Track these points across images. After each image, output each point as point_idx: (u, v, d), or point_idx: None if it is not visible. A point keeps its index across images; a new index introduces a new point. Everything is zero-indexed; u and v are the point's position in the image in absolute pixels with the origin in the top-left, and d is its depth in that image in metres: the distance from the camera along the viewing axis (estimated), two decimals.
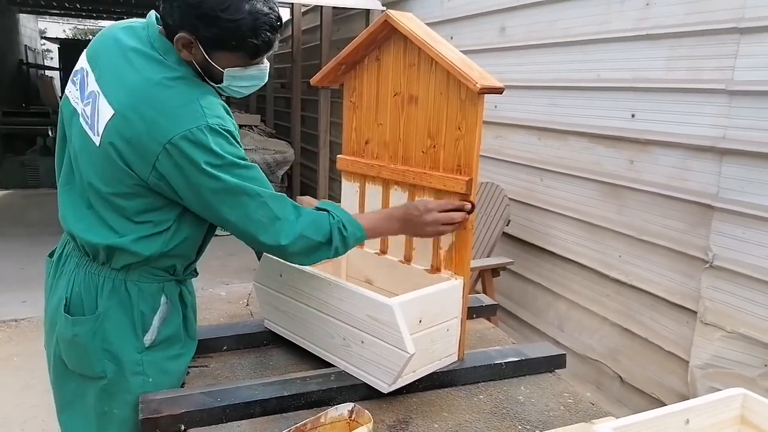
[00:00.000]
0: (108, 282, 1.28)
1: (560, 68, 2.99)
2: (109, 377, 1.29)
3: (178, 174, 1.17)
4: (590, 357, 2.87)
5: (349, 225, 1.32)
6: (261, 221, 1.22)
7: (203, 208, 1.22)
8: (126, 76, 1.20)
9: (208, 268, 4.85)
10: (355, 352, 1.37)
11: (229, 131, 1.21)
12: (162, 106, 1.16)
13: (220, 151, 1.17)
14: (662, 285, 2.48)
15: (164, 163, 1.16)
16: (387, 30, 1.48)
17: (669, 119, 2.40)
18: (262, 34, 1.19)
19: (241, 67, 1.25)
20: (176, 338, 1.35)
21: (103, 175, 1.21)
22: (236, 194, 1.19)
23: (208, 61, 1.21)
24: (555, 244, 3.08)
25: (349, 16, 5.88)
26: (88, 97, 1.24)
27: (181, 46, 1.20)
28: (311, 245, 1.27)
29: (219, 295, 1.98)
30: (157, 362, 1.31)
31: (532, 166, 3.21)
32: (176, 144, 1.14)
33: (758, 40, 2.06)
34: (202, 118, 1.16)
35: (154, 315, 1.30)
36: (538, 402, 1.41)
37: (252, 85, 1.31)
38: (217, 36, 1.18)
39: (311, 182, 6.91)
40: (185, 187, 1.18)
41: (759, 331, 2.09)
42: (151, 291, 1.30)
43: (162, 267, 1.30)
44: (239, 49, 1.21)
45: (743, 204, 2.12)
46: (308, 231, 1.26)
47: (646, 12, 2.49)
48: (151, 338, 1.30)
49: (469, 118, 1.37)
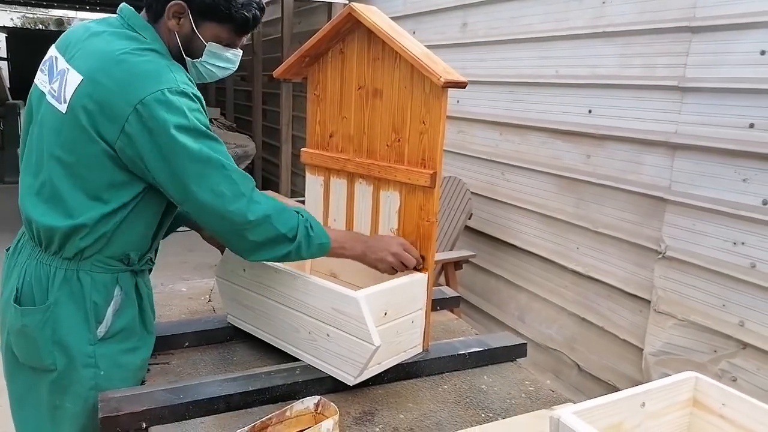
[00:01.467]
0: (59, 272, 1.25)
1: (521, 64, 3.04)
2: (60, 369, 1.25)
3: (147, 136, 1.15)
4: (549, 346, 2.94)
5: (316, 228, 1.32)
6: (225, 194, 1.19)
7: (168, 176, 1.19)
8: (96, 48, 1.21)
9: (167, 265, 4.75)
10: (321, 345, 1.37)
11: (198, 98, 1.22)
12: (133, 68, 1.17)
13: (189, 114, 1.17)
14: (617, 275, 2.56)
15: (134, 125, 1.14)
16: (351, 23, 1.48)
17: (624, 115, 2.48)
18: (252, 9, 1.28)
19: (222, 46, 1.29)
20: (131, 331, 1.32)
21: (68, 143, 1.19)
22: (203, 162, 1.18)
23: (195, 32, 1.25)
24: (516, 237, 3.14)
25: (310, 8, 5.83)
26: (56, 76, 1.23)
27: (172, 14, 1.23)
28: (274, 235, 1.25)
29: (180, 291, 1.94)
30: (110, 355, 1.28)
31: (494, 160, 3.26)
32: (147, 104, 1.13)
33: (708, 39, 2.15)
34: (174, 81, 1.17)
35: (108, 306, 1.27)
36: (501, 390, 1.44)
37: (225, 67, 1.34)
38: (213, 3, 1.23)
39: (273, 177, 6.84)
40: (153, 150, 1.16)
41: (708, 319, 2.18)
42: (105, 281, 1.27)
43: (115, 256, 1.27)
44: (229, 20, 1.26)
45: (694, 197, 2.21)
46: (275, 217, 1.24)
47: (603, 10, 2.56)
48: (104, 330, 1.27)
49: (433, 112, 1.38)
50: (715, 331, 2.16)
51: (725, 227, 2.12)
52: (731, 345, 2.12)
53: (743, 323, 2.08)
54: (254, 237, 1.24)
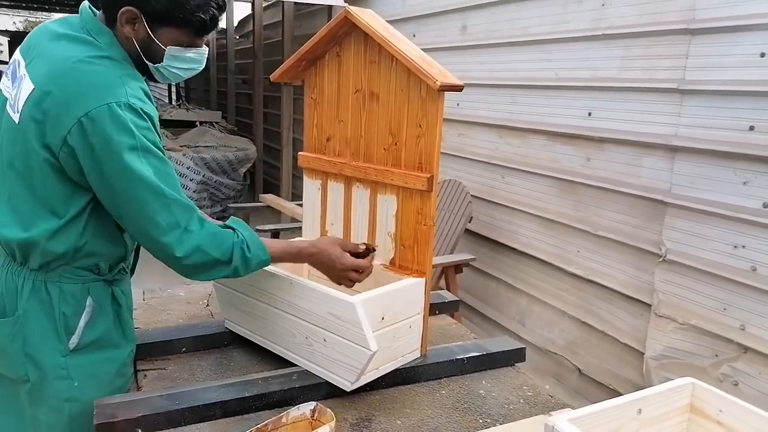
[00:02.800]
0: (28, 283, 1.23)
1: (520, 67, 3.03)
2: (32, 381, 1.24)
3: (89, 150, 1.12)
4: (550, 350, 2.93)
5: (252, 245, 1.27)
6: (161, 224, 1.17)
7: (106, 193, 1.17)
8: (51, 55, 1.18)
9: (166, 269, 4.76)
10: (318, 350, 1.36)
11: (149, 115, 1.17)
12: (82, 79, 1.13)
13: (136, 132, 1.13)
14: (618, 279, 2.55)
15: (75, 137, 1.11)
16: (347, 26, 1.48)
17: (624, 117, 2.47)
18: (209, 9, 1.21)
19: (182, 48, 1.24)
20: (106, 341, 1.28)
21: (21, 154, 1.18)
22: (143, 187, 1.14)
23: (151, 37, 1.20)
24: (516, 240, 3.13)
25: (311, 11, 5.83)
26: (16, 82, 1.21)
27: (125, 21, 1.18)
28: (208, 261, 1.22)
29: (178, 296, 1.94)
30: (83, 366, 1.25)
31: (494, 163, 3.25)
32: (92, 117, 1.10)
33: (708, 41, 2.14)
34: (123, 96, 1.13)
35: (79, 317, 1.24)
36: (499, 396, 1.43)
37: (189, 68, 1.29)
38: (165, 8, 1.17)
39: (274, 180, 6.84)
40: (94, 165, 1.13)
41: (709, 323, 2.17)
42: (74, 292, 1.24)
43: (84, 266, 1.25)
44: (185, 25, 1.21)
45: (694, 199, 2.20)
46: (207, 245, 1.21)
47: (602, 12, 2.55)
48: (76, 341, 1.24)
49: (430, 115, 1.38)
50: (716, 335, 2.15)
51: (726, 230, 2.11)
52: (732, 349, 2.10)
53: (744, 327, 2.07)
54: (187, 264, 1.21)
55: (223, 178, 6.29)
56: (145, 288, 2.06)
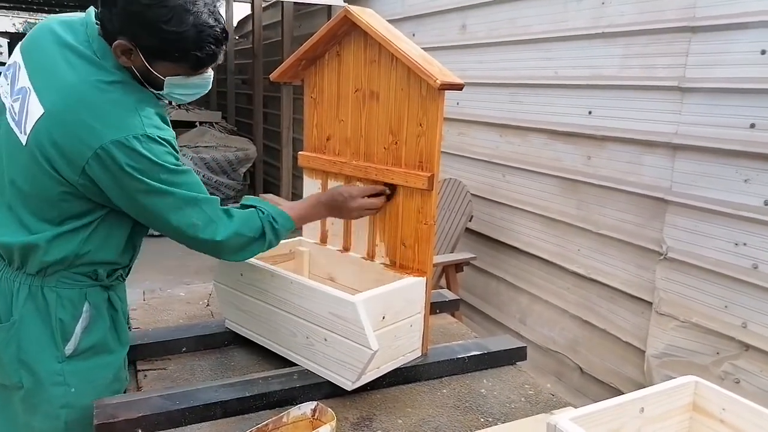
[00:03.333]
0: (24, 288, 1.22)
1: (520, 65, 3.03)
2: (27, 387, 1.22)
3: (111, 180, 1.13)
4: (551, 349, 2.92)
5: (278, 217, 1.36)
6: (198, 225, 1.22)
7: (138, 213, 1.21)
8: (60, 75, 1.14)
9: (167, 269, 4.75)
10: (319, 350, 1.36)
11: (166, 140, 1.18)
12: (96, 110, 1.12)
13: (154, 158, 1.14)
14: (619, 277, 2.54)
15: (94, 168, 1.12)
16: (347, 25, 1.47)
17: (624, 116, 2.46)
18: (206, 47, 1.15)
19: (183, 76, 1.20)
20: (103, 347, 1.28)
21: (27, 176, 1.17)
22: (173, 201, 1.18)
23: (149, 69, 1.17)
24: (517, 239, 3.12)
25: (310, 11, 5.83)
26: (17, 93, 1.18)
27: (120, 53, 1.15)
28: (245, 242, 1.30)
29: (178, 296, 1.93)
30: (80, 372, 1.25)
31: (494, 162, 3.25)
32: (107, 149, 1.10)
33: (708, 39, 2.13)
34: (140, 127, 1.13)
35: (76, 323, 1.24)
36: (500, 394, 1.43)
37: (194, 93, 1.27)
38: (158, 46, 1.14)
39: (274, 180, 6.84)
40: (118, 193, 1.16)
41: (710, 321, 2.16)
42: (71, 297, 1.23)
43: (82, 272, 1.24)
44: (182, 61, 1.17)
45: (695, 197, 2.19)
46: (242, 229, 1.29)
47: (602, 11, 2.55)
48: (72, 347, 1.23)
49: (430, 114, 1.37)
50: (717, 333, 2.14)
51: (727, 228, 2.10)
52: (734, 347, 2.10)
53: (746, 325, 2.06)
54: (228, 248, 1.29)
55: (223, 178, 6.29)
56: (145, 288, 2.06)
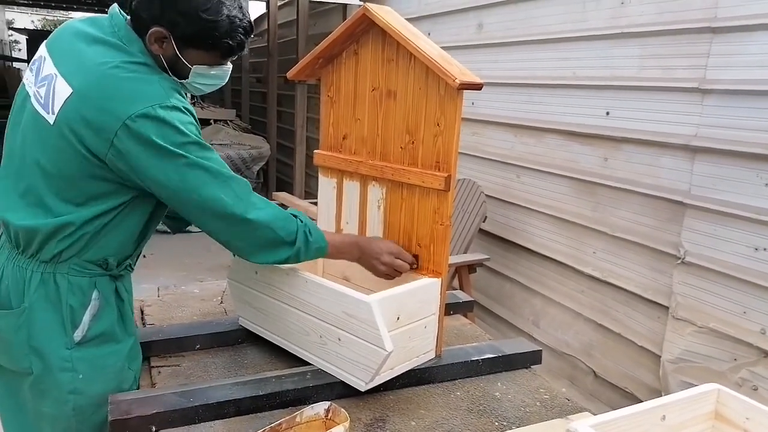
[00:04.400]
0: (36, 275, 1.24)
1: (537, 65, 3.00)
2: (36, 373, 1.25)
3: (139, 151, 1.15)
4: (565, 352, 2.90)
5: (314, 232, 1.34)
6: (224, 199, 1.21)
7: (163, 187, 1.20)
8: (86, 58, 1.19)
9: (182, 266, 4.77)
10: (332, 349, 1.35)
11: (191, 112, 1.22)
12: (122, 84, 1.16)
13: (182, 128, 1.17)
14: (635, 281, 2.51)
15: (124, 140, 1.14)
16: (365, 24, 1.47)
17: (643, 117, 2.43)
18: (237, 36, 1.25)
19: (208, 66, 1.28)
20: (110, 335, 1.30)
21: (53, 155, 1.19)
22: (199, 172, 1.19)
23: (178, 56, 1.24)
24: (531, 240, 3.10)
25: (326, 10, 5.83)
26: (42, 80, 1.22)
27: (154, 40, 1.21)
28: (275, 239, 1.28)
29: (192, 293, 1.94)
30: (88, 359, 1.27)
31: (509, 163, 3.22)
32: (137, 120, 1.13)
33: (730, 40, 2.10)
34: (164, 97, 1.17)
35: (85, 310, 1.26)
36: (515, 398, 1.41)
37: (213, 84, 1.34)
38: (195, 33, 1.21)
39: (287, 178, 6.85)
40: (145, 164, 1.17)
41: (728, 326, 2.13)
42: (82, 285, 1.26)
43: (93, 260, 1.26)
44: (213, 48, 1.25)
45: (714, 201, 2.16)
46: (275, 223, 1.27)
47: (621, 11, 2.52)
48: (81, 334, 1.26)
49: (448, 114, 1.36)
50: (735, 339, 2.11)
51: (746, 232, 2.07)
52: (752, 353, 2.06)
53: (765, 331, 2.02)
54: (254, 239, 1.27)
55: None
56: (159, 285, 2.07)
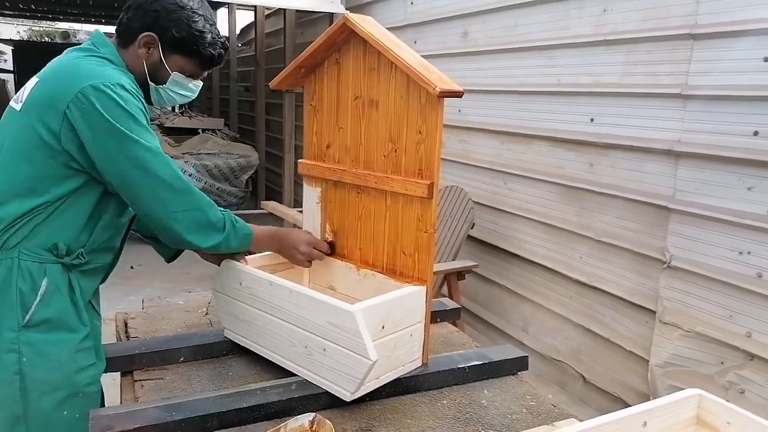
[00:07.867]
0: None
1: (522, 73, 3.02)
2: None
3: (86, 123, 1.25)
4: (554, 357, 2.90)
5: (238, 221, 1.45)
6: (168, 174, 1.31)
7: (109, 163, 1.28)
8: (56, 60, 1.37)
9: (170, 277, 4.73)
10: (318, 360, 1.34)
11: (138, 97, 1.32)
12: (80, 68, 1.30)
13: (127, 106, 1.27)
14: (622, 285, 2.52)
15: (73, 111, 1.25)
16: (346, 33, 1.47)
17: (627, 123, 2.45)
18: (218, 48, 1.45)
19: (185, 76, 1.44)
20: (60, 323, 1.33)
21: (15, 133, 1.30)
22: (141, 148, 1.28)
23: (162, 62, 1.39)
24: (519, 246, 3.11)
25: (312, 19, 5.85)
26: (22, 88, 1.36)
27: (143, 44, 1.37)
28: (204, 221, 1.37)
29: (177, 305, 1.92)
30: (33, 343, 1.30)
31: (496, 169, 3.24)
32: (86, 92, 1.25)
33: (711, 46, 2.12)
34: (116, 78, 1.29)
35: (35, 295, 1.30)
36: (501, 405, 1.41)
37: (185, 95, 1.49)
38: (183, 39, 1.38)
39: (276, 187, 6.84)
40: (91, 136, 1.26)
41: (715, 330, 2.14)
42: (31, 270, 1.31)
43: (42, 246, 1.31)
44: (196, 56, 1.42)
45: (698, 205, 2.17)
46: (204, 206, 1.37)
47: (604, 18, 2.54)
48: (26, 317, 1.30)
49: (430, 121, 1.36)
50: (722, 342, 2.12)
51: (730, 236, 2.09)
52: (738, 356, 2.08)
53: (750, 334, 2.04)
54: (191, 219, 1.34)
55: (225, 185, 6.28)
56: (145, 296, 2.05)
